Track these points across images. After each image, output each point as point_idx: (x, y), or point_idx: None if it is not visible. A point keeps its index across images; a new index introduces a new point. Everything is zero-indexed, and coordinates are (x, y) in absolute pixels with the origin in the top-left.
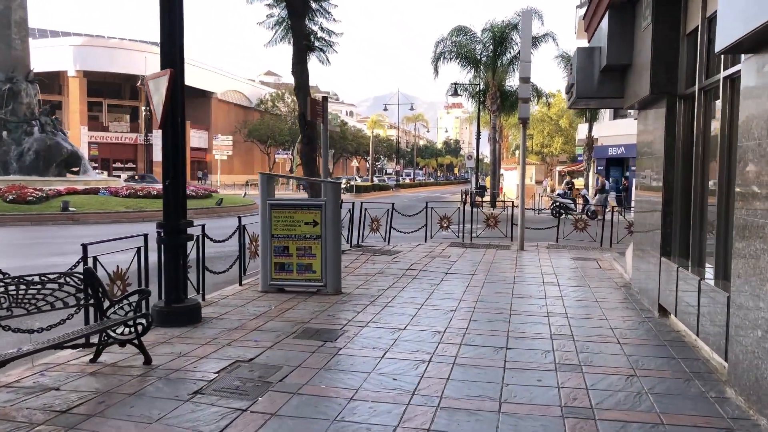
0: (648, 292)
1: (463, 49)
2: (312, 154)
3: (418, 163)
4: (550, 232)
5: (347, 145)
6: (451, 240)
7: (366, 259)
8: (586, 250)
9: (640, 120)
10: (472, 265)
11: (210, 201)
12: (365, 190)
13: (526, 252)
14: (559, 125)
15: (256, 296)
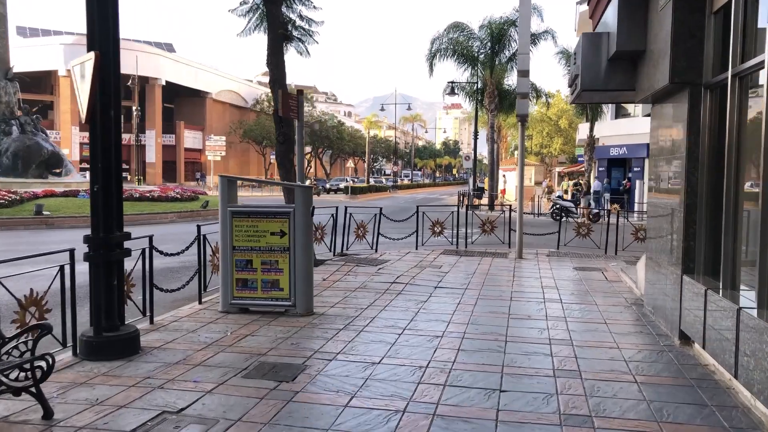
0: (665, 313)
1: (460, 47)
2: (288, 155)
3: (416, 164)
4: (550, 238)
5: (344, 145)
6: (444, 247)
7: (348, 270)
8: (590, 259)
9: (655, 116)
10: (465, 276)
11: (195, 204)
12: (361, 191)
13: (524, 261)
14: (558, 125)
15: (215, 318)
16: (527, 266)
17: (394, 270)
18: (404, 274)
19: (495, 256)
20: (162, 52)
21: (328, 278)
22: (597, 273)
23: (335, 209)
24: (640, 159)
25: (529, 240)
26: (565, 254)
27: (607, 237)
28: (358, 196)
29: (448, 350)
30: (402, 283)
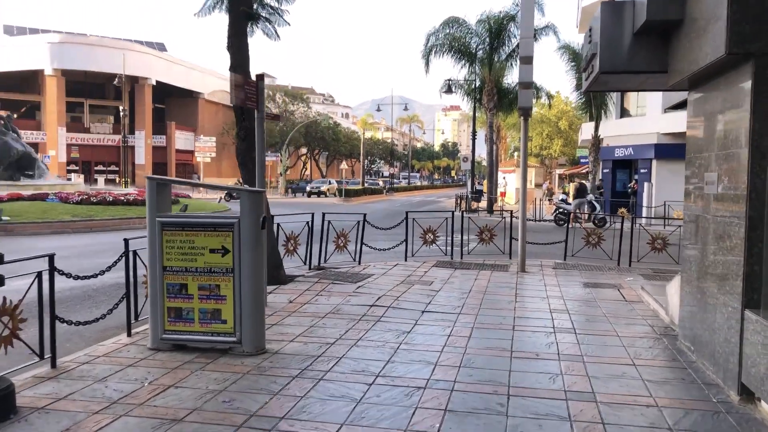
0: (714, 354)
1: (457, 42)
2: (251, 153)
3: (414, 166)
4: (556, 248)
5: (341, 147)
6: (438, 258)
7: (321, 289)
8: (602, 272)
9: (695, 104)
10: (459, 296)
11: (174, 207)
12: (355, 194)
13: (528, 275)
14: (558, 127)
15: (139, 358)
16: (531, 282)
17: (377, 288)
18: (387, 293)
19: (494, 269)
20: (152, 51)
21: (295, 300)
22: (612, 291)
23: (311, 215)
24: (647, 160)
25: (532, 249)
26: (573, 266)
27: (620, 246)
28: (351, 199)
29: (432, 412)
30: (383, 306)
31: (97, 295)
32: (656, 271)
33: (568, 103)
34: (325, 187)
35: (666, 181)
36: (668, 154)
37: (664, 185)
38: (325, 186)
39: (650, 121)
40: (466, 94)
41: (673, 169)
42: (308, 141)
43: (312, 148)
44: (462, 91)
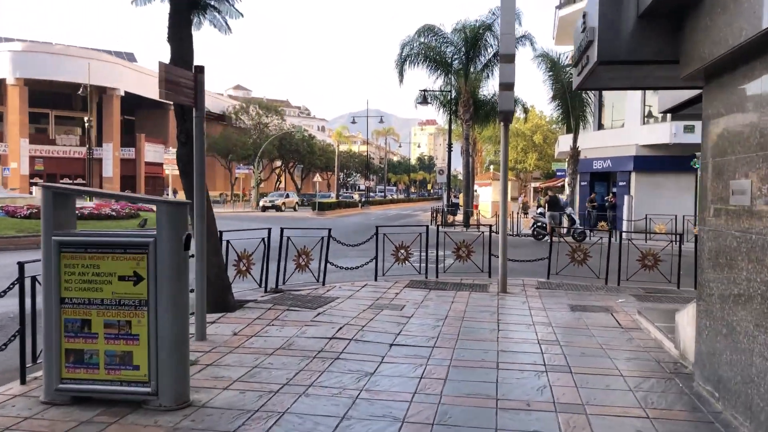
0: (752, 407)
1: (432, 52)
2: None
3: (390, 179)
4: (537, 264)
5: (316, 160)
6: (411, 276)
7: (275, 317)
8: (590, 293)
9: (715, 97)
10: (433, 324)
11: (133, 222)
12: (329, 207)
13: (509, 296)
14: (533, 141)
15: (24, 416)
16: (514, 305)
17: (340, 315)
18: (351, 321)
19: (473, 290)
20: (121, 61)
21: (241, 331)
22: (604, 315)
23: (268, 231)
24: (625, 173)
25: (513, 267)
26: (557, 285)
27: (607, 263)
28: (325, 212)
29: None
30: (345, 339)
31: None
32: (648, 291)
33: (543, 117)
34: (280, 201)
35: (645, 193)
36: (647, 166)
37: (644, 198)
38: (280, 199)
39: (628, 133)
40: (441, 105)
41: (653, 182)
42: (282, 153)
43: (286, 161)
44: (437, 102)
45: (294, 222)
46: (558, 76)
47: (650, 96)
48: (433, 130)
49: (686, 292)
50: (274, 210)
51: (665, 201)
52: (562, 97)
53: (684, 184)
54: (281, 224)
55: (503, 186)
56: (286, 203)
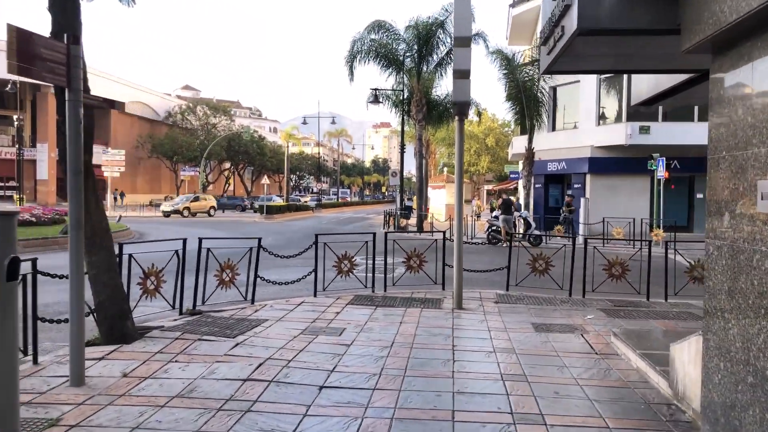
0: None
1: (384, 49)
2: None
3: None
4: (496, 274)
5: (267, 161)
6: (356, 291)
7: (181, 350)
8: (553, 306)
9: (727, 75)
10: (377, 355)
11: (54, 229)
12: (278, 211)
13: (466, 313)
14: (486, 144)
15: None
16: (471, 324)
17: (263, 344)
18: (276, 354)
19: (425, 306)
20: None
21: (133, 372)
22: (574, 337)
23: (182, 242)
24: (580, 175)
25: (469, 276)
26: (518, 299)
27: (571, 272)
28: (274, 216)
29: None
30: (263, 381)
31: None
32: (617, 304)
33: (495, 120)
34: (182, 205)
35: (601, 196)
36: (602, 168)
37: (599, 201)
38: (182, 203)
39: (583, 134)
40: (394, 105)
41: (608, 184)
42: (231, 155)
43: (236, 163)
44: (390, 102)
45: (240, 227)
46: (513, 74)
47: (605, 97)
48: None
49: (657, 304)
50: (181, 215)
51: (621, 203)
52: (517, 97)
53: (639, 186)
54: (225, 229)
55: (458, 188)
56: (191, 208)
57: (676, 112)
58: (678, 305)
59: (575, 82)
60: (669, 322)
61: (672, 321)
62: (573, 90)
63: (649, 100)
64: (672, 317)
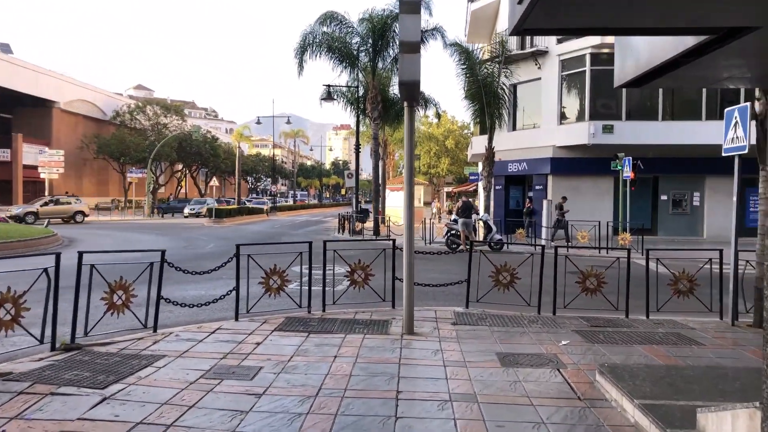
0: None
1: (337, 42)
2: None
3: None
4: (454, 289)
5: (221, 163)
6: (288, 312)
7: (19, 411)
8: (521, 327)
9: None
10: (293, 412)
11: None
12: (229, 214)
13: (417, 341)
14: (445, 146)
15: None
16: (423, 359)
17: (141, 398)
18: (154, 414)
19: (369, 330)
20: None
21: None
22: (550, 373)
23: (55, 256)
24: (542, 176)
25: (423, 292)
26: (480, 318)
27: (540, 286)
28: (223, 220)
29: None
30: None
31: None
32: (593, 323)
33: (455, 122)
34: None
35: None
36: (565, 169)
37: None
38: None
39: (545, 133)
40: (348, 103)
41: (571, 185)
42: (182, 156)
43: (188, 164)
44: (345, 99)
45: (180, 232)
46: (472, 69)
47: (567, 95)
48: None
49: (638, 323)
50: (67, 221)
51: (584, 205)
52: (476, 94)
53: (603, 187)
54: (165, 233)
55: (407, 189)
56: (40, 212)
57: (640, 110)
58: (662, 324)
59: (536, 80)
60: (659, 349)
61: (662, 347)
62: (534, 87)
63: (638, 80)
64: (659, 341)
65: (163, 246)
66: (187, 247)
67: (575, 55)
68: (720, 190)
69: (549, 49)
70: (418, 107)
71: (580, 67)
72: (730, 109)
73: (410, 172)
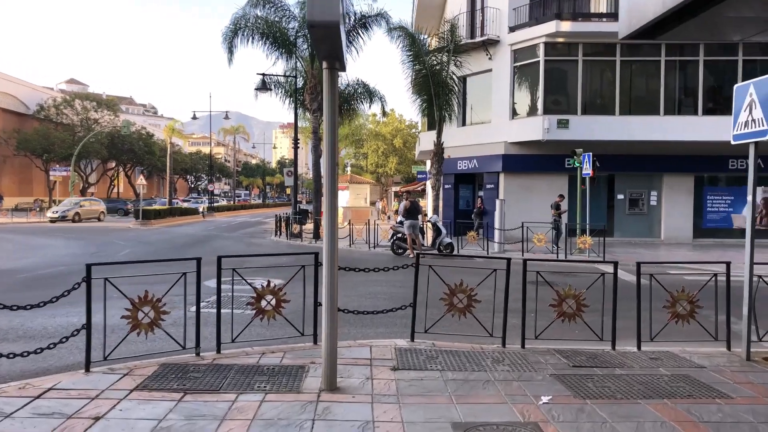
0: None
1: (273, 27)
2: None
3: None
4: (395, 318)
5: (157, 161)
6: (170, 354)
7: None
8: (483, 373)
9: None
10: None
11: None
12: (158, 215)
13: (339, 405)
14: (393, 145)
15: None
16: None
17: None
18: None
19: (272, 387)
20: None
21: None
22: None
23: None
24: (493, 174)
25: (353, 322)
26: (429, 358)
27: (505, 309)
28: (151, 221)
29: None
30: None
31: None
32: (575, 362)
33: (403, 120)
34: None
35: (516, 197)
36: (518, 166)
37: (513, 203)
38: None
39: (497, 128)
40: (286, 94)
41: (524, 184)
42: (114, 153)
43: (123, 162)
44: (282, 91)
45: (99, 236)
46: (419, 56)
47: (519, 90)
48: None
49: (631, 357)
50: None
51: (537, 205)
52: (424, 85)
53: (557, 186)
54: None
55: (328, 180)
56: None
57: (597, 104)
58: (660, 359)
59: (487, 71)
60: (675, 408)
61: (678, 404)
62: (485, 80)
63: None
64: (669, 391)
65: (68, 252)
66: (96, 253)
67: (528, 44)
68: (678, 189)
69: (501, 39)
70: (340, 70)
71: (533, 57)
72: (741, 85)
73: (332, 158)
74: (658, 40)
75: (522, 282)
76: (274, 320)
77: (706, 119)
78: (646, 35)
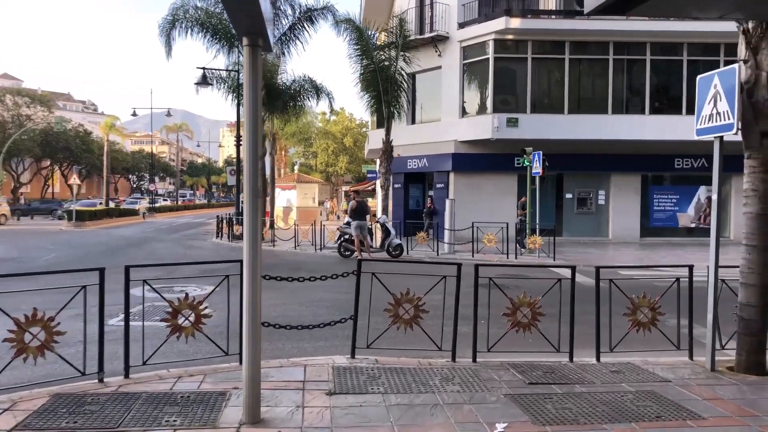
0: None
1: (214, 19)
2: None
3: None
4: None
5: (95, 159)
6: (67, 380)
7: None
8: (431, 394)
9: None
10: None
11: None
12: (93, 217)
13: None
14: (344, 144)
15: None
16: None
17: None
18: None
19: (184, 420)
20: None
21: None
22: None
23: None
24: (443, 173)
25: (288, 335)
26: (370, 377)
27: (455, 319)
28: (86, 223)
29: None
30: None
31: None
32: (531, 378)
33: (353, 119)
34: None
35: (465, 197)
36: (467, 165)
37: (463, 202)
38: None
39: (446, 127)
40: (230, 90)
41: (473, 183)
42: (49, 151)
43: (59, 161)
44: (225, 86)
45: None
46: (367, 51)
47: (468, 87)
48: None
49: (590, 371)
50: None
51: (486, 205)
52: (372, 79)
53: (506, 186)
54: None
55: (250, 170)
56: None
57: (546, 102)
58: (622, 371)
59: (437, 68)
60: None
61: (649, 428)
62: (435, 77)
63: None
64: (636, 412)
65: None
66: (17, 258)
67: (478, 41)
68: (625, 189)
69: (450, 35)
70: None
71: (482, 55)
72: (705, 76)
73: (253, 149)
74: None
75: (474, 289)
76: (193, 338)
77: (652, 118)
78: (614, 9)
